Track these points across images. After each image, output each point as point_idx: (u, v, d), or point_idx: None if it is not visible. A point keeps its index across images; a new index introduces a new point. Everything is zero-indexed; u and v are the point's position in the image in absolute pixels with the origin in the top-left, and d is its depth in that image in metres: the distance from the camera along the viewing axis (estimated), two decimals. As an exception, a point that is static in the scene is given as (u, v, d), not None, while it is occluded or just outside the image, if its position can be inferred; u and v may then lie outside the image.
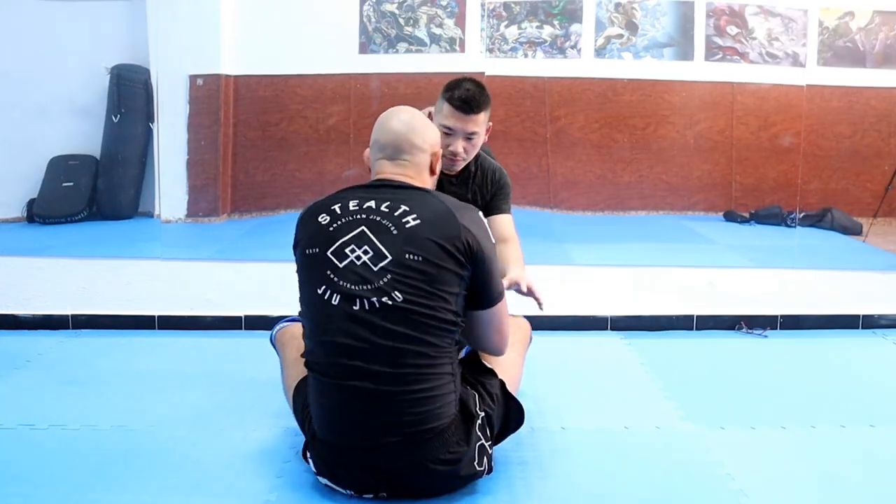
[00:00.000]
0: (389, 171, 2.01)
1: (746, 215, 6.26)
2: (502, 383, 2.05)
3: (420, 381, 1.82)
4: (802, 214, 6.07)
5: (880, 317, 3.44)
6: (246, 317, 3.31)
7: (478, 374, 2.05)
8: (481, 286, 1.93)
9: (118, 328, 3.26)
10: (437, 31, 6.13)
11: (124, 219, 5.82)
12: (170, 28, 5.59)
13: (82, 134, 5.87)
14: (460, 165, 2.51)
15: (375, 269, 1.83)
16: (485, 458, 1.93)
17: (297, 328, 2.32)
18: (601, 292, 3.76)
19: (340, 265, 1.85)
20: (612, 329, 3.34)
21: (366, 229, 1.87)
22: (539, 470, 2.10)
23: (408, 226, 1.86)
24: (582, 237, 5.46)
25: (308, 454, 1.97)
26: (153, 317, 3.30)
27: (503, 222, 2.51)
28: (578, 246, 5.12)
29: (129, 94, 5.75)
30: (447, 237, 1.85)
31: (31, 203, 5.80)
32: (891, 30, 6.35)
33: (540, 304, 2.28)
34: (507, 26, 6.33)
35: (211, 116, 5.74)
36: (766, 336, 3.32)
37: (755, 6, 6.31)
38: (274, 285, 3.87)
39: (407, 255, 1.83)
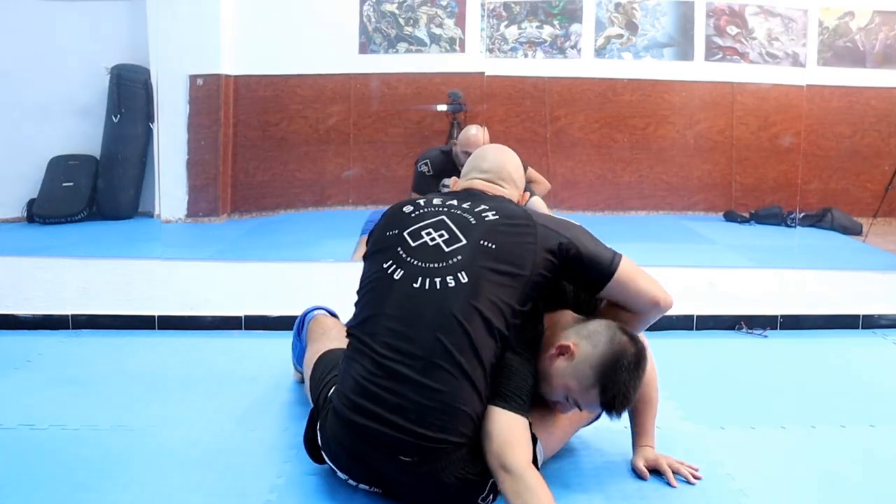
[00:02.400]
0: (481, 185, 2.08)
1: (746, 215, 6.26)
2: (535, 439, 1.90)
3: (452, 381, 1.75)
4: (802, 214, 6.07)
5: (880, 317, 3.43)
6: (246, 317, 3.31)
7: None
8: (584, 263, 1.92)
9: (118, 328, 3.26)
10: (437, 31, 6.13)
11: (124, 219, 5.82)
12: (170, 28, 5.59)
13: (82, 134, 5.87)
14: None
15: (447, 250, 1.87)
16: (490, 496, 1.84)
17: (331, 321, 2.39)
18: (601, 292, 3.75)
19: (413, 244, 1.90)
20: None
21: (445, 218, 1.94)
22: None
23: (486, 219, 1.92)
24: (582, 237, 5.44)
25: (315, 429, 1.92)
26: (153, 317, 3.30)
27: None
28: (578, 246, 5.11)
29: (129, 94, 5.75)
30: (522, 230, 1.90)
31: (31, 203, 5.80)
32: (891, 30, 6.35)
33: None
34: (507, 26, 6.33)
35: (211, 116, 5.74)
36: (766, 336, 3.32)
37: (755, 6, 6.31)
38: (274, 285, 3.88)
39: (482, 242, 1.87)
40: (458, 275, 1.82)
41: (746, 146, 6.42)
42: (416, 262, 1.86)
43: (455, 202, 1.99)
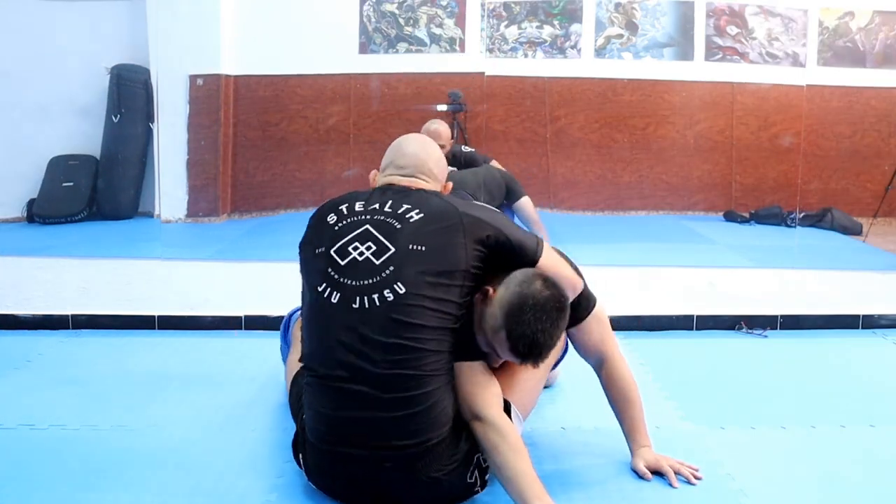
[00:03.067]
0: (399, 180, 2.03)
1: (746, 215, 6.26)
2: (508, 405, 1.94)
3: (417, 387, 1.77)
4: (802, 214, 6.07)
5: (880, 317, 3.43)
6: (246, 317, 3.31)
7: None
8: (513, 251, 1.91)
9: (118, 328, 3.26)
10: (437, 31, 6.13)
11: (124, 219, 5.82)
12: (170, 28, 5.59)
13: (82, 134, 5.87)
14: None
15: (378, 262, 1.82)
16: (476, 472, 1.87)
17: None
18: (601, 292, 3.75)
19: (342, 262, 1.85)
20: (611, 329, 3.34)
21: (370, 227, 1.88)
22: (538, 471, 2.09)
23: (411, 220, 1.87)
24: (582, 237, 5.45)
25: (299, 455, 1.96)
26: (153, 317, 3.30)
27: None
28: (578, 246, 5.09)
29: (129, 94, 5.75)
30: (449, 226, 1.86)
31: (31, 203, 5.80)
32: (891, 30, 6.35)
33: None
34: (507, 26, 6.33)
35: (211, 116, 5.74)
36: (766, 336, 3.32)
37: (755, 6, 6.31)
38: (274, 285, 3.87)
39: (411, 246, 1.83)
40: (395, 286, 1.79)
41: (746, 146, 6.42)
42: (349, 282, 1.82)
43: (377, 205, 1.93)
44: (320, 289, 1.85)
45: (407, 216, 1.89)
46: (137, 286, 3.76)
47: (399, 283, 1.79)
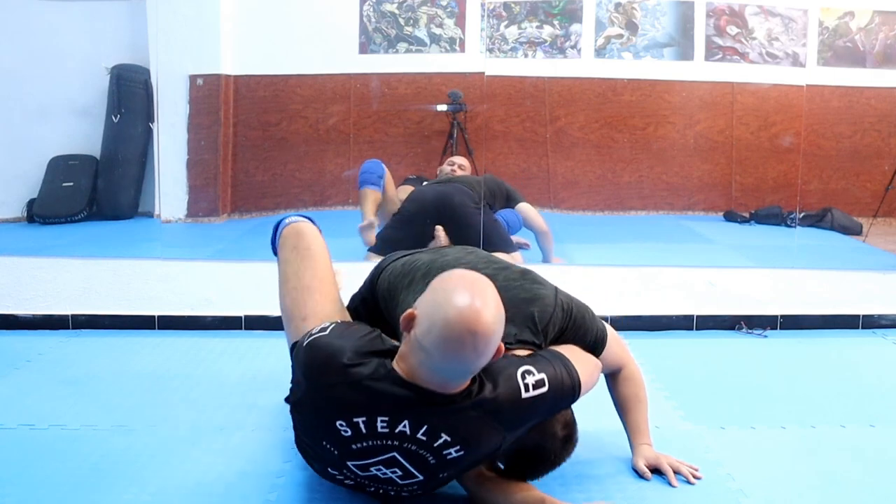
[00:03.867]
0: (433, 381, 1.65)
1: (746, 215, 6.26)
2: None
3: None
4: (802, 214, 6.07)
5: (880, 317, 3.44)
6: (246, 317, 3.32)
7: None
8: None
9: (118, 328, 3.26)
10: (437, 31, 6.13)
11: (124, 219, 5.81)
12: (170, 28, 5.58)
13: (82, 134, 5.87)
14: None
15: (401, 483, 1.75)
16: None
17: (312, 237, 2.11)
18: (601, 292, 3.76)
19: (361, 474, 1.74)
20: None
21: (398, 455, 1.69)
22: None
23: (449, 458, 1.69)
24: (582, 237, 5.45)
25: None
26: (153, 317, 3.30)
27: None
28: (578, 246, 5.12)
29: (129, 94, 5.75)
30: (490, 452, 1.75)
31: (31, 203, 5.80)
32: (891, 30, 6.35)
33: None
34: (507, 26, 6.32)
35: (211, 116, 5.74)
36: (766, 336, 3.32)
37: (755, 6, 6.31)
38: (274, 285, 3.87)
39: (441, 475, 1.74)
40: (414, 491, 1.78)
41: (746, 146, 6.42)
42: (367, 484, 1.79)
43: (407, 430, 1.63)
44: (332, 471, 1.79)
45: (444, 452, 1.67)
46: (137, 286, 3.76)
47: (417, 486, 1.76)
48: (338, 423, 1.65)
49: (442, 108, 5.83)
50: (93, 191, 5.81)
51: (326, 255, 2.14)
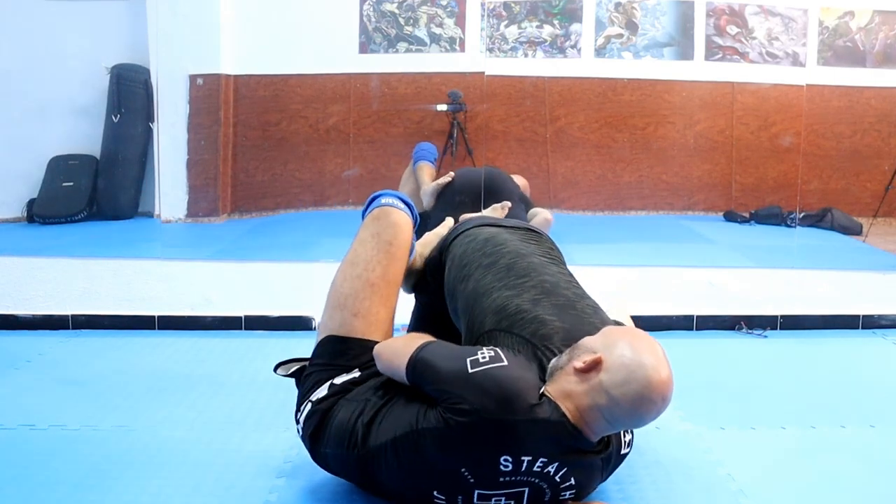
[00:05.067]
0: (598, 426, 1.72)
1: (746, 215, 6.26)
2: None
3: None
4: (802, 214, 6.07)
5: (880, 317, 3.44)
6: (246, 317, 3.32)
7: None
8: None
9: (118, 328, 3.26)
10: (437, 30, 6.13)
11: (124, 219, 5.81)
12: (170, 28, 5.58)
13: (82, 134, 5.87)
14: None
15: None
16: None
17: (403, 222, 2.09)
18: (601, 292, 3.76)
19: (476, 502, 1.75)
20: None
21: (527, 491, 1.74)
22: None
23: (562, 497, 1.77)
24: (582, 237, 5.45)
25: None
26: (153, 317, 3.30)
27: None
28: (578, 246, 5.11)
29: (129, 94, 5.75)
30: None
31: (31, 203, 5.80)
32: (891, 30, 6.35)
33: None
34: (507, 26, 6.32)
35: (211, 116, 5.74)
36: (766, 336, 3.32)
37: (755, 6, 6.31)
38: (274, 285, 3.87)
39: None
40: None
41: (746, 146, 6.42)
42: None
43: (551, 469, 1.70)
44: (438, 496, 1.76)
45: (563, 490, 1.76)
46: (137, 286, 3.76)
47: None
48: (503, 457, 1.68)
49: (442, 107, 5.83)
50: (93, 191, 5.81)
51: (405, 259, 2.13)
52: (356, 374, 1.94)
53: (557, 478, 1.71)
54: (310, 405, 1.91)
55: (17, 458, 2.13)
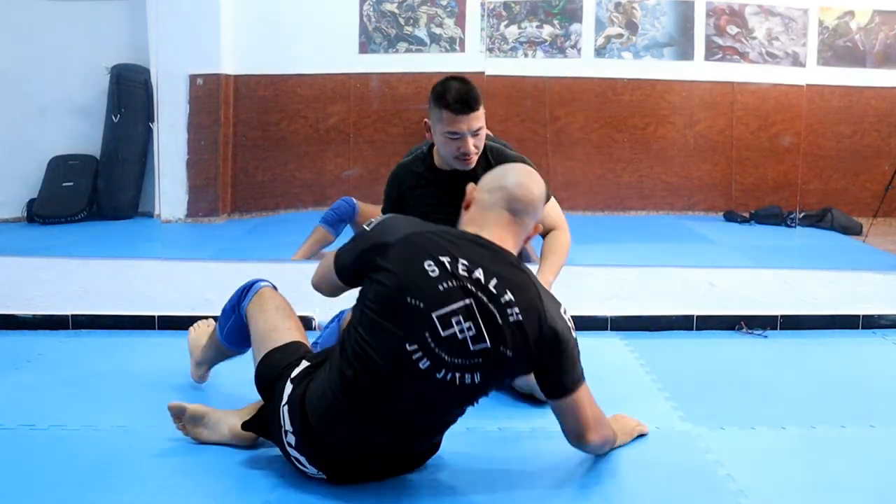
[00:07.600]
0: (497, 231, 1.95)
1: (746, 215, 6.26)
2: None
3: (444, 428, 2.00)
4: (802, 214, 6.07)
5: (880, 317, 3.43)
6: (246, 317, 3.31)
7: None
8: (555, 374, 1.93)
9: (118, 328, 3.26)
10: (437, 30, 6.13)
11: (124, 219, 5.81)
12: (170, 28, 5.59)
13: (82, 134, 5.87)
14: (474, 161, 2.61)
15: (472, 349, 1.82)
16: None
17: (280, 299, 2.29)
18: (601, 292, 3.76)
19: (443, 334, 1.81)
20: (611, 329, 3.34)
21: (473, 306, 1.83)
22: (531, 472, 2.10)
23: (511, 320, 1.83)
24: (582, 237, 5.45)
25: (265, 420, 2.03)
26: (153, 317, 3.30)
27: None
28: (578, 246, 5.08)
29: (129, 94, 5.75)
30: (536, 338, 1.86)
31: (31, 203, 5.80)
32: (891, 30, 6.35)
33: None
34: (507, 26, 6.33)
35: (211, 116, 5.74)
36: (766, 336, 3.31)
37: (755, 6, 6.31)
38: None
39: (501, 348, 1.83)
40: (475, 374, 1.84)
41: (746, 146, 6.42)
42: (443, 356, 1.81)
43: (481, 277, 1.83)
44: (410, 348, 1.81)
45: (509, 313, 1.83)
46: (137, 286, 3.75)
47: (478, 374, 1.84)
48: (426, 262, 1.83)
49: (442, 107, 5.83)
50: (93, 191, 5.81)
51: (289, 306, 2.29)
52: (304, 364, 2.00)
53: (492, 287, 1.82)
54: (287, 407, 1.94)
55: (17, 458, 2.13)
